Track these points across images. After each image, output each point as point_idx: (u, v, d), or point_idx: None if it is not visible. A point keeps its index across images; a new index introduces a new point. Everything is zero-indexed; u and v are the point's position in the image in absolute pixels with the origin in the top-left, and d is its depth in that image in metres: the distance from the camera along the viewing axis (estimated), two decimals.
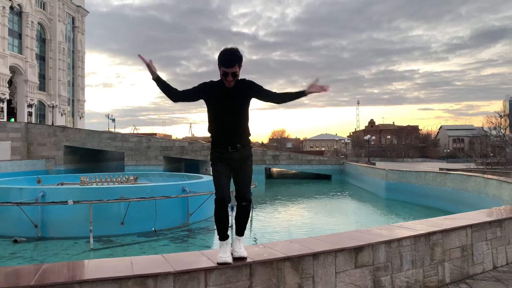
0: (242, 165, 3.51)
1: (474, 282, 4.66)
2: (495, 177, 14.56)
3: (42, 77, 61.80)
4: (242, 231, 3.65)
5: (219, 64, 3.29)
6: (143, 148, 37.24)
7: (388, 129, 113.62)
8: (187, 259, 3.44)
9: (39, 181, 16.27)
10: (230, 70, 3.26)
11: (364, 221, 14.90)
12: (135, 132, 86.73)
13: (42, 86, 61.72)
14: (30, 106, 54.16)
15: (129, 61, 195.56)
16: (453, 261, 4.71)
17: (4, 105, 50.52)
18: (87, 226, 10.15)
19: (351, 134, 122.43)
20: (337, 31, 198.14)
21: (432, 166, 38.27)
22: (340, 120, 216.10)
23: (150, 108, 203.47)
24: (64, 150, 37.02)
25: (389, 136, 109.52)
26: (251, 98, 3.49)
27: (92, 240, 9.99)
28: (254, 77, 3.58)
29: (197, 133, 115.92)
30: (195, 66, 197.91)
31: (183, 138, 70.75)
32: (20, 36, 56.61)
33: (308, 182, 34.03)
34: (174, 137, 71.30)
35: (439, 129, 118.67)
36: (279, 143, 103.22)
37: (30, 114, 54.69)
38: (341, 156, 60.19)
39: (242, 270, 3.33)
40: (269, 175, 39.90)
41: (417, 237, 4.40)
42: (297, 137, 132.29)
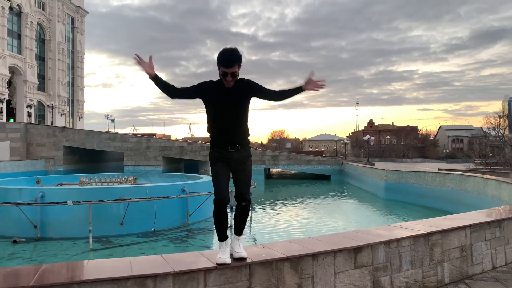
0: (241, 165, 3.50)
1: (473, 282, 4.67)
2: (494, 177, 14.57)
3: (42, 77, 61.81)
4: (241, 231, 3.65)
5: (219, 64, 3.28)
6: (142, 148, 37.24)
7: (388, 129, 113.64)
8: (186, 260, 3.44)
9: (38, 181, 16.26)
10: (230, 70, 3.25)
11: (363, 222, 14.90)
12: (135, 132, 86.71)
13: (42, 87, 61.73)
14: (29, 106, 54.14)
15: (129, 62, 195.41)
16: (452, 262, 4.72)
17: (4, 106, 50.50)
18: (86, 226, 10.15)
19: (351, 134, 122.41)
20: (336, 32, 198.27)
21: (431, 166, 38.28)
22: (340, 121, 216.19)
23: (149, 109, 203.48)
24: (63, 151, 37.00)
25: (388, 137, 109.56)
26: (250, 97, 3.48)
27: (91, 240, 9.98)
28: (253, 78, 3.57)
29: (197, 134, 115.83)
30: (194, 67, 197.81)
31: (183, 139, 70.68)
32: (19, 37, 56.62)
33: (308, 182, 34.05)
34: (173, 137, 71.23)
35: (438, 129, 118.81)
36: (278, 143, 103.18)
37: (29, 114, 54.67)
38: (341, 157, 60.18)
39: (241, 270, 3.33)
40: (268, 176, 39.91)
41: (416, 238, 4.40)
42: (297, 138, 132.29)
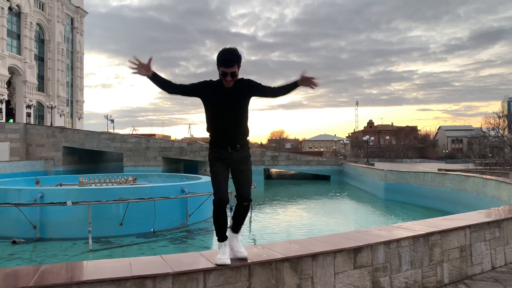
0: (242, 165, 3.50)
1: (473, 283, 4.67)
2: (493, 177, 14.58)
3: (41, 78, 61.78)
4: (239, 229, 3.65)
5: (218, 64, 3.27)
6: (142, 149, 37.22)
7: (387, 129, 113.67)
8: (186, 260, 3.44)
9: (37, 182, 16.25)
10: (229, 70, 3.24)
11: (363, 222, 14.90)
12: (134, 133, 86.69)
13: (41, 87, 61.70)
14: (28, 107, 54.13)
15: (128, 62, 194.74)
16: (452, 262, 4.72)
17: (3, 106, 50.48)
18: (86, 227, 10.13)
19: (350, 134, 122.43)
20: (335, 32, 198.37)
21: (431, 166, 38.30)
22: (339, 121, 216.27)
23: (149, 109, 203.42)
24: (63, 151, 36.97)
25: (388, 137, 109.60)
26: (250, 97, 3.47)
27: (91, 241, 9.97)
28: (253, 78, 3.56)
29: (196, 134, 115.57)
30: (194, 67, 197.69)
31: (182, 139, 70.67)
32: (18, 37, 56.61)
33: (307, 182, 34.04)
34: (173, 138, 71.22)
35: (438, 129, 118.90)
36: (278, 143, 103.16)
37: (28, 115, 54.66)
38: (340, 157, 60.19)
39: (241, 271, 3.33)
40: (268, 176, 39.91)
41: (415, 238, 4.40)
42: (296, 138, 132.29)
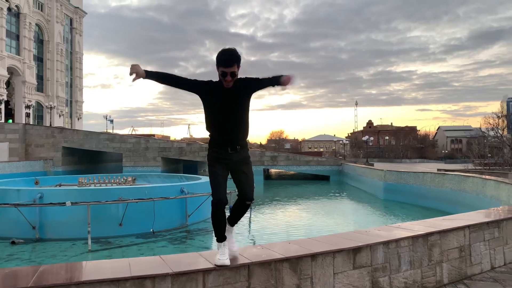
0: (243, 166, 3.49)
1: (472, 283, 4.67)
2: (493, 177, 14.59)
3: (40, 78, 61.73)
4: (236, 223, 3.69)
5: (218, 64, 3.25)
6: (141, 149, 37.19)
7: (386, 130, 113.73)
8: (185, 260, 3.43)
9: (37, 182, 16.23)
10: (229, 69, 3.23)
11: (362, 222, 14.90)
12: (133, 133, 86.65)
13: (40, 87, 61.65)
14: (28, 107, 54.10)
15: (127, 62, 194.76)
16: (451, 262, 4.72)
17: (2, 106, 50.47)
18: (85, 227, 10.12)
19: (349, 135, 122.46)
20: (335, 32, 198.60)
21: (430, 167, 38.34)
22: (338, 121, 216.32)
23: (148, 109, 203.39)
24: (62, 151, 36.93)
25: (387, 137, 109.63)
26: (251, 95, 3.45)
27: (90, 241, 9.96)
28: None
29: (196, 134, 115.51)
30: (193, 67, 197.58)
31: (182, 139, 70.70)
32: (18, 38, 56.57)
33: (307, 183, 34.03)
34: (172, 138, 71.20)
35: (437, 130, 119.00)
36: (277, 144, 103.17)
37: (28, 115, 54.64)
38: (339, 157, 60.22)
39: (240, 271, 3.33)
40: (267, 176, 39.90)
41: (415, 238, 4.40)
42: (296, 138, 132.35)
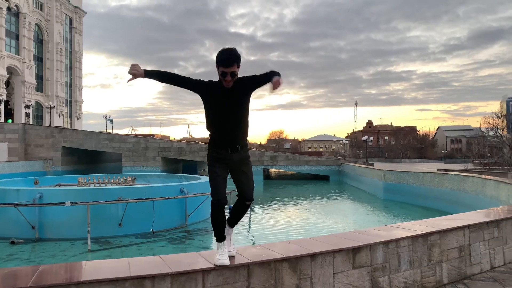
0: (243, 166, 3.49)
1: (472, 283, 4.67)
2: (492, 177, 14.60)
3: (40, 78, 61.69)
4: (235, 224, 3.69)
5: (218, 64, 3.24)
6: (141, 149, 37.18)
7: (386, 129, 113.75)
8: (184, 260, 3.43)
9: (36, 182, 16.22)
10: (229, 69, 3.22)
11: (362, 222, 14.90)
12: (133, 133, 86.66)
13: (40, 87, 61.61)
14: (27, 107, 54.07)
15: (127, 62, 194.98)
16: (451, 262, 4.72)
17: (2, 106, 50.45)
18: (84, 227, 10.12)
19: (349, 134, 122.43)
20: (335, 32, 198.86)
21: (430, 166, 38.35)
22: (338, 121, 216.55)
23: (148, 109, 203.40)
24: (61, 151, 36.93)
25: (387, 137, 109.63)
26: (250, 93, 3.44)
27: (89, 241, 9.96)
28: None
29: (195, 134, 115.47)
30: (193, 67, 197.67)
31: (181, 139, 70.67)
32: (17, 37, 56.55)
33: (306, 183, 34.03)
34: (172, 138, 71.21)
35: (437, 129, 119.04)
36: (277, 144, 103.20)
37: (27, 115, 54.61)
38: (339, 157, 60.22)
39: (240, 271, 3.32)
40: (267, 176, 39.91)
41: (414, 238, 4.40)
42: (295, 138, 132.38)
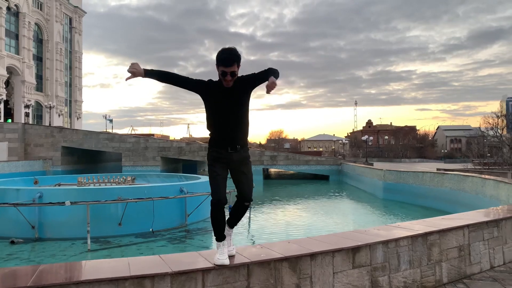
0: (242, 166, 3.48)
1: (471, 282, 4.67)
2: (492, 177, 14.60)
3: (39, 77, 61.64)
4: (235, 225, 3.70)
5: (218, 64, 3.24)
6: (140, 148, 37.18)
7: (386, 129, 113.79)
8: (184, 260, 3.43)
9: (36, 182, 16.22)
10: (229, 69, 3.21)
11: (362, 222, 14.91)
12: (133, 132, 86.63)
13: (39, 87, 61.56)
14: (27, 106, 54.02)
15: (127, 62, 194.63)
16: (450, 261, 4.72)
17: (1, 106, 50.40)
18: (84, 227, 10.13)
19: (349, 134, 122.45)
20: (334, 32, 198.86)
21: (430, 166, 38.36)
22: (338, 121, 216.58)
23: (147, 109, 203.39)
24: (61, 151, 36.91)
25: (386, 137, 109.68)
26: (250, 92, 3.43)
27: (89, 241, 9.96)
28: None
29: (195, 134, 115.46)
30: (192, 67, 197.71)
31: (181, 139, 70.63)
32: (17, 37, 56.50)
33: (306, 182, 34.03)
34: (171, 137, 71.19)
35: (437, 129, 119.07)
36: (277, 143, 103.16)
37: (27, 114, 54.55)
38: (339, 157, 60.25)
39: (239, 270, 3.32)
40: (267, 176, 39.91)
41: (414, 237, 4.40)
42: (295, 138, 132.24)
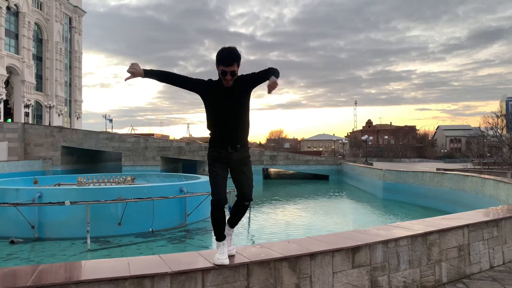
0: (242, 166, 3.48)
1: (471, 282, 4.67)
2: (492, 177, 14.60)
3: (39, 77, 61.61)
4: (236, 224, 3.70)
5: (218, 63, 3.23)
6: (140, 148, 37.17)
7: (386, 129, 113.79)
8: (184, 260, 3.43)
9: (36, 181, 16.22)
10: (229, 68, 3.20)
11: (362, 221, 14.91)
12: (133, 132, 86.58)
13: (39, 87, 61.53)
14: (27, 106, 54.00)
15: (127, 61, 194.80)
16: (450, 261, 4.72)
17: (1, 106, 50.38)
18: (84, 227, 10.12)
19: (349, 134, 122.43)
20: (334, 32, 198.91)
21: (429, 166, 38.37)
22: (338, 121, 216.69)
23: (147, 109, 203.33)
24: (61, 151, 36.89)
25: (386, 137, 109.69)
26: (250, 92, 3.42)
27: (89, 241, 9.96)
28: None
29: (195, 134, 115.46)
30: (192, 67, 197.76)
31: (181, 139, 70.60)
32: (17, 37, 56.46)
33: (306, 182, 34.03)
34: (171, 137, 71.13)
35: (436, 129, 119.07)
36: (276, 143, 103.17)
37: (27, 114, 54.53)
38: (339, 157, 60.25)
39: (239, 270, 3.32)
40: (266, 176, 39.90)
41: (414, 237, 4.41)
42: (295, 138, 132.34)
